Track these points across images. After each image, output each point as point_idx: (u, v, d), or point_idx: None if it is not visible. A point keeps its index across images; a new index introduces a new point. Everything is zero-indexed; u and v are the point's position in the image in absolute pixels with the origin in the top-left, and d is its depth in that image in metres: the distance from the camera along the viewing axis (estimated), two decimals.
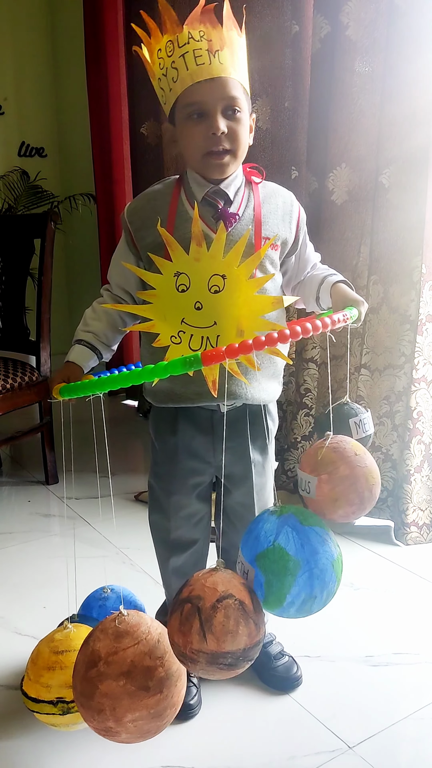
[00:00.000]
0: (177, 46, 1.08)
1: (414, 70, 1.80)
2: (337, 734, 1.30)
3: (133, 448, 2.91)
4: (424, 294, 1.86)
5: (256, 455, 1.31)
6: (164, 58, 1.10)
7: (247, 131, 1.16)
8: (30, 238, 2.52)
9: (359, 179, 2.00)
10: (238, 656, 0.89)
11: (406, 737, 1.30)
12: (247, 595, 0.92)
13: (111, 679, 0.95)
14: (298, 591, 0.93)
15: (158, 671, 0.96)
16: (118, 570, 1.88)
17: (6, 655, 1.55)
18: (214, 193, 1.17)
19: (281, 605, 0.94)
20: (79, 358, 1.23)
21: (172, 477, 1.31)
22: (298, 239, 1.25)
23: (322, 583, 0.95)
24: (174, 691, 0.98)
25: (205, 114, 1.10)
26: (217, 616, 0.89)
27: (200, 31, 1.08)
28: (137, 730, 0.97)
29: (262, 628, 0.92)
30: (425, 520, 2.00)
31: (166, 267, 1.06)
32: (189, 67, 1.08)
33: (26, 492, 2.46)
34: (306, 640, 1.56)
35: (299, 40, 2.11)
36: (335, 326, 1.02)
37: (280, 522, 0.96)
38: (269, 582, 0.93)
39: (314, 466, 1.07)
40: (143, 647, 0.97)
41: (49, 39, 3.96)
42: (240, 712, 1.37)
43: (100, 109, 3.34)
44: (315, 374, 2.22)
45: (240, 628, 0.89)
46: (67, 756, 1.26)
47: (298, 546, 0.94)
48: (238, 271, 1.02)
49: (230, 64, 1.10)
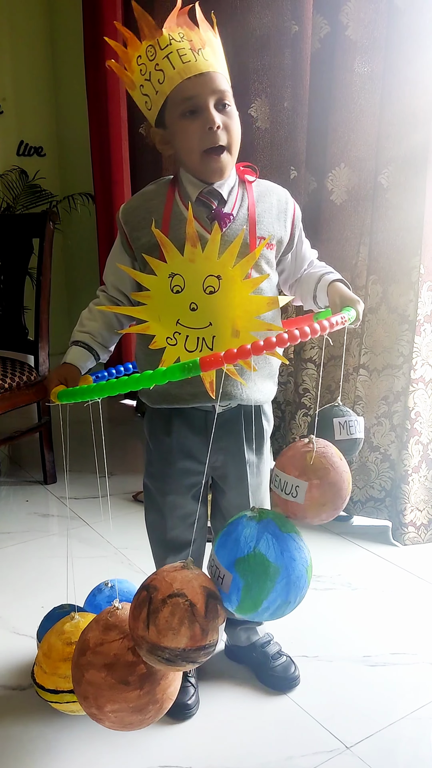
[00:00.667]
0: (159, 49, 1.08)
1: (413, 70, 1.80)
2: (334, 734, 1.30)
3: (131, 448, 2.91)
4: (422, 294, 1.86)
5: (251, 456, 1.31)
6: (146, 63, 1.10)
7: (239, 124, 1.16)
8: (29, 237, 2.52)
9: (358, 179, 2.00)
10: (176, 654, 0.90)
11: (404, 737, 1.30)
12: (202, 599, 0.91)
13: (95, 669, 0.98)
14: (275, 597, 0.95)
15: (140, 667, 0.96)
16: (117, 570, 1.88)
17: (4, 655, 1.55)
18: (208, 193, 1.17)
19: (256, 610, 0.95)
20: (76, 359, 1.23)
21: (167, 477, 1.31)
22: (293, 237, 1.25)
23: (296, 589, 0.97)
24: (157, 689, 0.98)
25: (199, 109, 1.10)
26: (163, 610, 0.90)
27: (179, 32, 1.09)
28: (119, 720, 0.99)
29: (210, 634, 0.91)
30: (423, 520, 2.00)
31: (160, 268, 1.05)
32: (176, 66, 1.08)
33: (24, 492, 2.46)
34: (304, 640, 1.56)
35: (299, 40, 2.11)
36: (333, 329, 1.02)
37: (260, 528, 0.96)
38: (248, 586, 0.93)
39: (303, 470, 1.05)
40: (128, 642, 0.97)
41: (48, 38, 3.96)
42: (238, 712, 1.37)
43: (99, 108, 3.34)
44: (314, 374, 2.22)
45: (183, 628, 0.90)
46: (66, 754, 1.26)
47: (278, 553, 0.95)
48: (233, 272, 1.02)
49: (214, 61, 1.12)
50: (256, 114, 2.24)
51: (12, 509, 2.32)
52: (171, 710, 1.33)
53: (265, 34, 2.18)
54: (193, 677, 1.40)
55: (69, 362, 1.22)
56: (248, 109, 2.22)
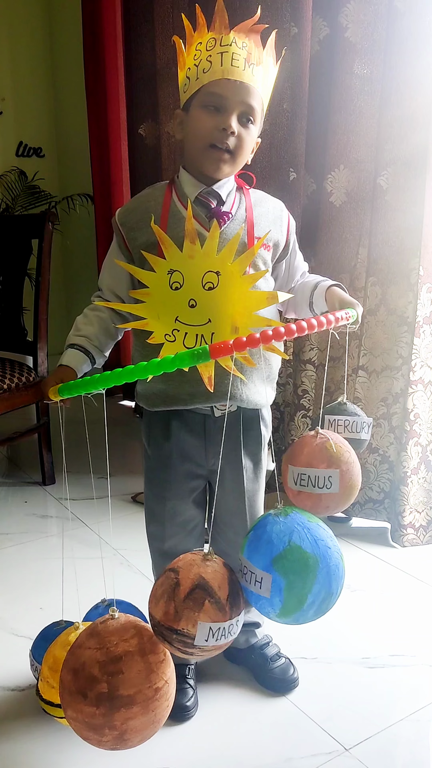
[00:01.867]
0: (219, 45, 1.12)
1: (413, 72, 1.80)
2: (333, 736, 1.30)
3: (130, 449, 2.91)
4: (421, 296, 1.86)
5: (248, 461, 1.31)
6: (202, 50, 1.13)
7: (252, 145, 1.19)
8: (28, 238, 2.52)
9: (358, 181, 2.00)
10: (155, 623, 0.94)
11: (403, 739, 1.30)
12: (188, 583, 0.91)
13: (66, 669, 0.98)
14: (318, 588, 0.93)
15: (100, 686, 0.92)
16: (115, 571, 1.88)
17: (3, 656, 1.55)
18: (207, 194, 1.19)
19: (301, 607, 0.93)
20: (73, 361, 1.22)
21: (167, 482, 1.31)
22: (288, 244, 1.27)
23: (336, 578, 0.96)
24: (115, 715, 0.92)
25: (222, 109, 1.13)
26: (160, 578, 0.96)
27: (244, 42, 1.12)
28: (77, 729, 0.97)
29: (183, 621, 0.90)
30: (422, 522, 2.00)
31: (159, 265, 1.06)
32: (224, 64, 1.11)
33: (23, 493, 2.45)
34: (303, 642, 1.56)
35: (298, 41, 2.11)
36: (339, 323, 1.03)
37: (289, 522, 0.96)
38: (291, 583, 0.92)
39: (330, 460, 1.07)
40: (99, 656, 0.94)
41: (47, 38, 3.96)
42: (237, 714, 1.37)
43: (99, 109, 3.34)
44: (313, 376, 2.21)
45: (162, 601, 0.92)
46: (64, 756, 1.26)
47: (313, 543, 0.94)
48: (232, 268, 1.02)
49: (259, 80, 1.15)
50: None
51: (11, 510, 2.32)
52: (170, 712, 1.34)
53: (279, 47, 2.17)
54: (192, 679, 1.40)
55: (65, 364, 1.22)
56: None
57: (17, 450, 2.90)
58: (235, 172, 1.21)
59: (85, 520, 2.20)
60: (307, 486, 1.08)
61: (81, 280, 4.11)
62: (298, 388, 2.23)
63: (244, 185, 1.24)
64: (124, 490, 2.42)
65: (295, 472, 1.09)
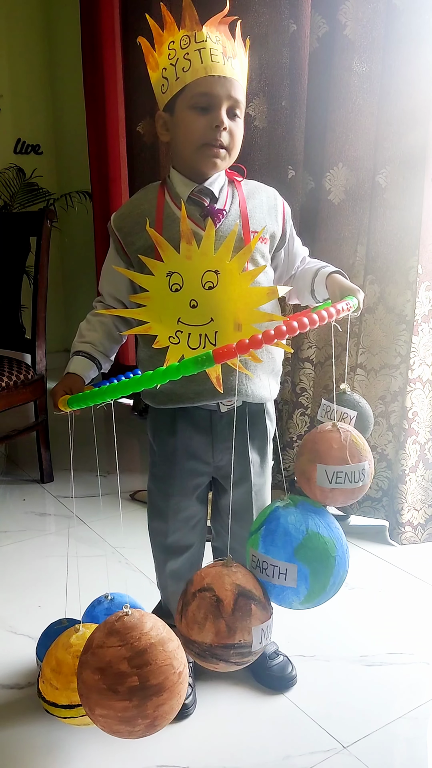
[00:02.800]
0: (194, 42, 1.11)
1: (412, 70, 1.80)
2: (331, 734, 1.30)
3: (128, 447, 2.91)
4: (420, 294, 1.86)
5: (255, 455, 1.31)
6: (176, 49, 1.13)
7: (242, 136, 1.19)
8: (26, 235, 2.51)
9: (356, 179, 2.00)
10: (204, 649, 0.91)
11: (401, 737, 1.30)
12: (230, 596, 0.91)
13: (89, 670, 0.98)
14: (338, 570, 0.96)
15: (131, 679, 0.94)
16: (113, 569, 1.88)
17: (2, 654, 1.55)
18: (200, 192, 1.18)
19: (324, 590, 0.96)
20: (80, 369, 1.22)
21: (171, 479, 1.31)
22: (285, 232, 1.26)
23: (348, 556, 1.00)
24: (147, 704, 0.95)
25: (211, 107, 1.13)
26: (192, 604, 0.92)
27: (216, 35, 1.12)
28: (107, 726, 0.98)
29: (239, 634, 0.90)
30: (420, 520, 2.00)
31: (158, 268, 1.06)
32: (204, 61, 1.11)
33: (21, 491, 2.45)
34: (301, 640, 1.56)
35: (297, 39, 2.10)
36: (339, 315, 1.03)
37: (302, 510, 0.98)
38: (315, 570, 0.94)
39: (360, 454, 1.08)
40: (125, 652, 0.96)
41: (45, 35, 3.95)
42: (235, 712, 1.37)
43: (97, 106, 3.33)
44: (311, 374, 2.22)
45: (207, 623, 0.90)
46: (64, 754, 1.26)
47: (327, 528, 0.97)
48: (231, 265, 1.02)
49: (239, 73, 1.15)
50: (253, 113, 2.23)
51: (9, 508, 2.32)
52: None
53: (263, 33, 2.17)
54: (191, 677, 1.40)
55: (72, 372, 1.22)
56: (246, 107, 2.21)
57: (15, 448, 2.89)
58: (227, 166, 1.20)
59: (83, 517, 2.20)
60: (344, 482, 1.07)
61: (79, 278, 4.10)
62: (297, 386, 2.23)
63: (234, 177, 1.23)
64: (123, 488, 2.41)
65: (330, 470, 1.07)
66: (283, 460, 2.27)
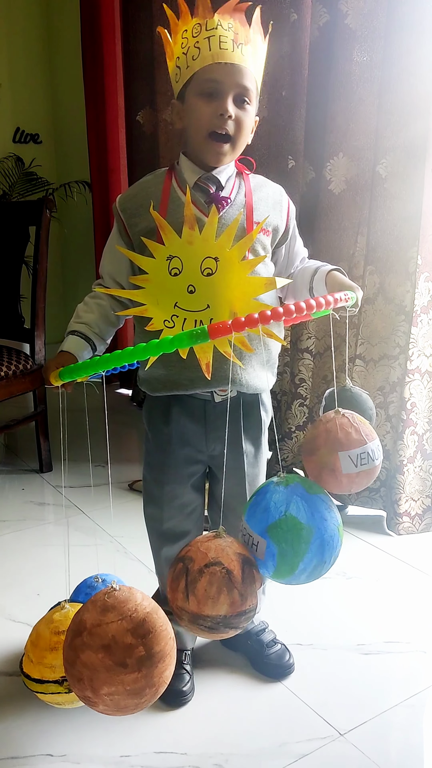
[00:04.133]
0: (204, 29, 1.11)
1: (413, 60, 1.79)
2: (328, 721, 1.31)
3: (127, 437, 2.91)
4: (419, 285, 1.86)
5: (248, 446, 1.32)
6: (189, 38, 1.13)
7: (251, 125, 1.18)
8: (25, 225, 2.51)
9: (357, 169, 2.00)
10: (218, 621, 0.91)
11: (397, 724, 1.31)
12: (238, 566, 0.92)
13: (91, 651, 0.97)
14: (310, 558, 0.95)
15: (138, 650, 0.96)
16: (112, 558, 1.89)
17: (0, 642, 1.55)
18: (206, 179, 1.18)
19: (293, 573, 0.95)
20: (73, 348, 1.22)
21: (166, 466, 1.31)
22: (288, 229, 1.26)
23: (330, 548, 0.98)
24: (154, 672, 0.97)
25: (217, 94, 1.12)
26: (201, 580, 0.91)
27: (229, 23, 1.11)
28: (114, 704, 0.98)
29: (249, 599, 0.92)
30: (417, 510, 2.01)
31: (158, 251, 1.06)
32: (212, 48, 1.11)
33: (20, 480, 2.46)
34: (298, 629, 1.57)
35: (298, 28, 2.09)
36: (337, 304, 1.03)
37: (289, 492, 0.97)
38: (283, 552, 0.94)
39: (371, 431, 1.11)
40: (126, 624, 0.97)
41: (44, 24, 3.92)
42: (233, 699, 1.38)
43: (96, 95, 3.32)
44: (310, 364, 2.22)
45: (222, 596, 0.90)
46: (60, 742, 1.27)
47: (308, 514, 0.95)
48: (231, 253, 1.02)
49: (250, 59, 1.14)
50: None
51: (8, 497, 2.32)
52: (166, 697, 1.35)
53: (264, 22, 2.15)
54: (188, 664, 1.41)
55: (66, 350, 1.22)
56: None
57: (14, 438, 2.90)
58: (237, 156, 1.20)
59: (82, 507, 2.21)
60: (367, 463, 1.09)
61: (78, 268, 4.09)
62: (296, 377, 2.24)
63: (244, 170, 1.24)
64: (122, 478, 2.42)
65: (354, 454, 1.08)
66: (281, 450, 2.27)
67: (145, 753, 1.24)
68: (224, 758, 1.23)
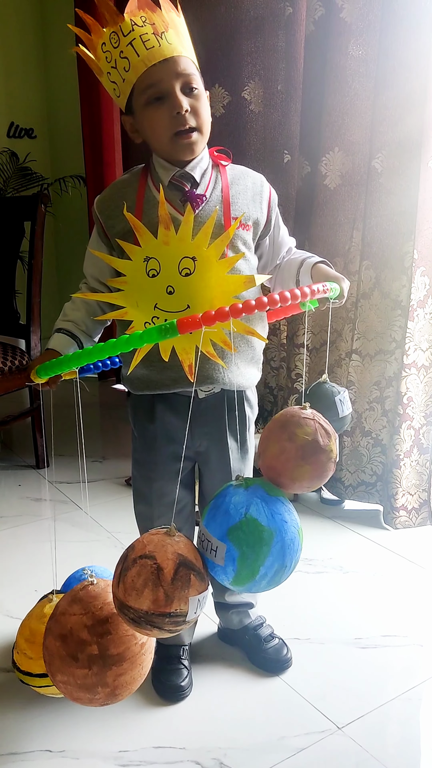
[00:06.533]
0: (122, 36, 1.08)
1: (408, 54, 1.78)
2: (326, 715, 1.31)
3: (123, 432, 2.91)
4: (415, 279, 1.86)
5: (233, 441, 1.31)
6: (110, 50, 1.10)
7: (208, 107, 1.16)
8: (20, 220, 2.50)
9: (352, 163, 1.99)
10: (140, 615, 0.90)
11: (394, 718, 1.32)
12: (171, 565, 0.90)
13: (52, 637, 1.00)
14: (272, 561, 0.94)
15: (91, 648, 0.96)
16: (108, 553, 1.88)
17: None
18: (181, 177, 1.16)
19: (254, 578, 0.94)
20: (59, 346, 1.22)
21: (153, 464, 1.31)
22: (270, 220, 1.24)
23: (291, 552, 0.96)
24: (107, 673, 0.97)
25: (165, 95, 1.10)
26: (132, 570, 0.91)
27: (141, 17, 1.08)
28: (67, 692, 1.00)
29: (176, 602, 0.90)
30: (414, 505, 2.02)
31: (135, 253, 1.05)
32: (140, 53, 1.08)
33: (16, 476, 2.46)
34: (296, 623, 1.58)
35: (293, 22, 2.09)
36: (315, 296, 1.01)
37: (249, 494, 0.96)
38: (243, 555, 0.92)
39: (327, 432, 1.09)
40: (86, 620, 0.98)
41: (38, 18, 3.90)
42: (231, 694, 1.38)
43: (90, 89, 3.30)
44: (306, 359, 2.22)
45: (146, 590, 0.89)
46: (59, 736, 1.27)
47: (269, 516, 0.94)
48: (208, 252, 1.01)
49: (178, 44, 1.11)
50: (249, 97, 2.22)
51: (4, 493, 2.32)
52: (164, 692, 1.35)
53: (259, 16, 2.15)
54: (186, 659, 1.41)
55: (52, 348, 1.22)
56: (242, 92, 2.20)
57: (10, 434, 2.89)
58: (206, 140, 1.17)
59: (78, 503, 2.21)
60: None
61: (74, 263, 4.08)
62: (292, 372, 2.24)
63: (220, 162, 1.21)
64: (117, 474, 2.42)
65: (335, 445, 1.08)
66: None
67: (143, 748, 1.25)
68: (222, 752, 1.23)
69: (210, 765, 1.21)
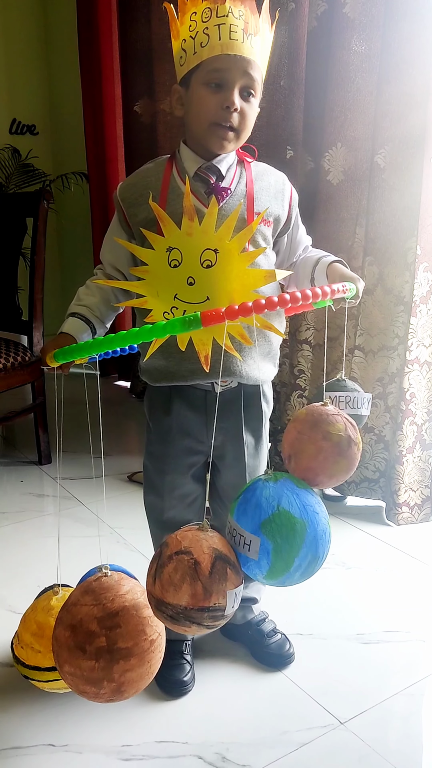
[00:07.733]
0: (215, 15, 1.08)
1: (412, 49, 1.78)
2: (329, 710, 1.32)
3: (126, 428, 2.92)
4: (418, 275, 1.86)
5: (249, 437, 1.32)
6: (197, 21, 1.10)
7: (254, 118, 1.17)
8: (22, 217, 2.50)
9: (355, 159, 1.99)
10: (178, 611, 0.90)
11: (397, 713, 1.32)
12: (208, 559, 0.90)
13: (62, 627, 0.99)
14: (305, 552, 0.94)
15: (99, 640, 0.96)
16: (112, 549, 1.89)
17: (1, 633, 1.56)
18: (207, 169, 1.17)
19: (288, 570, 0.94)
20: (73, 330, 1.21)
21: (166, 457, 1.31)
22: (290, 218, 1.26)
23: (323, 543, 0.97)
24: (114, 667, 0.96)
25: (224, 85, 1.11)
26: (168, 566, 0.91)
27: (240, 10, 1.09)
28: (74, 685, 1.00)
29: (214, 596, 0.90)
30: (416, 501, 2.01)
31: (158, 242, 1.05)
32: (222, 38, 1.09)
33: (19, 472, 2.46)
34: (298, 619, 1.58)
35: (296, 17, 2.08)
36: (335, 295, 1.02)
37: (279, 487, 0.96)
38: (278, 547, 0.92)
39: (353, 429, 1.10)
40: (97, 611, 0.97)
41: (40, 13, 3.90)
42: (233, 689, 1.38)
43: (93, 86, 3.30)
44: (309, 355, 2.22)
45: (184, 585, 0.89)
46: (62, 731, 1.28)
47: (301, 508, 0.95)
48: (230, 245, 1.01)
49: (259, 52, 1.13)
50: None
51: (6, 490, 2.33)
52: (167, 687, 1.35)
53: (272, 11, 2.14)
54: (189, 655, 1.42)
55: (66, 332, 1.21)
56: None
57: (13, 430, 2.90)
58: (237, 147, 1.19)
59: (81, 499, 2.21)
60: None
61: (76, 259, 4.08)
62: (295, 368, 2.24)
63: (245, 158, 1.22)
64: (121, 470, 2.42)
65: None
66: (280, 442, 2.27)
67: (146, 742, 1.25)
68: (225, 747, 1.23)
69: (212, 759, 1.21)
